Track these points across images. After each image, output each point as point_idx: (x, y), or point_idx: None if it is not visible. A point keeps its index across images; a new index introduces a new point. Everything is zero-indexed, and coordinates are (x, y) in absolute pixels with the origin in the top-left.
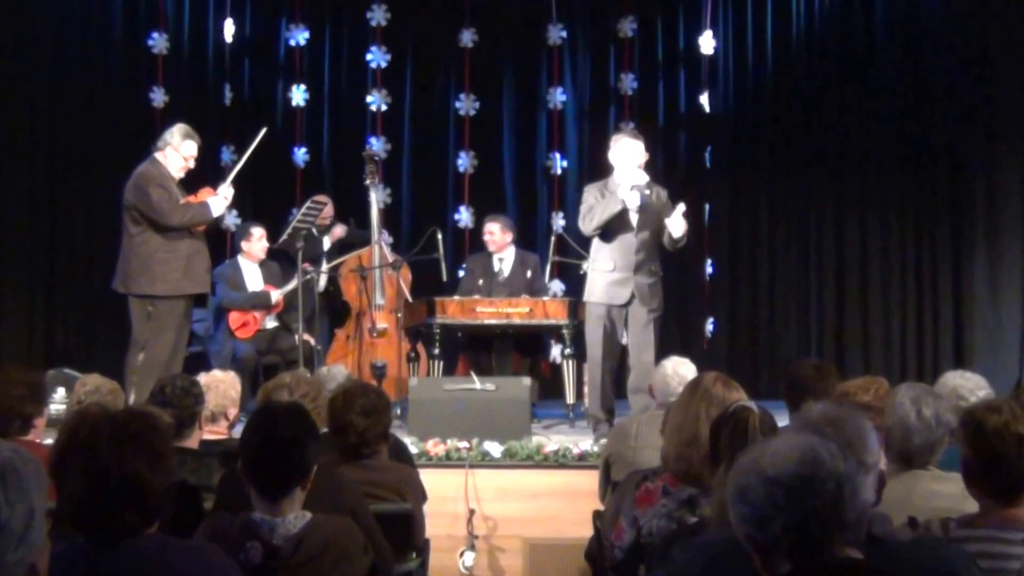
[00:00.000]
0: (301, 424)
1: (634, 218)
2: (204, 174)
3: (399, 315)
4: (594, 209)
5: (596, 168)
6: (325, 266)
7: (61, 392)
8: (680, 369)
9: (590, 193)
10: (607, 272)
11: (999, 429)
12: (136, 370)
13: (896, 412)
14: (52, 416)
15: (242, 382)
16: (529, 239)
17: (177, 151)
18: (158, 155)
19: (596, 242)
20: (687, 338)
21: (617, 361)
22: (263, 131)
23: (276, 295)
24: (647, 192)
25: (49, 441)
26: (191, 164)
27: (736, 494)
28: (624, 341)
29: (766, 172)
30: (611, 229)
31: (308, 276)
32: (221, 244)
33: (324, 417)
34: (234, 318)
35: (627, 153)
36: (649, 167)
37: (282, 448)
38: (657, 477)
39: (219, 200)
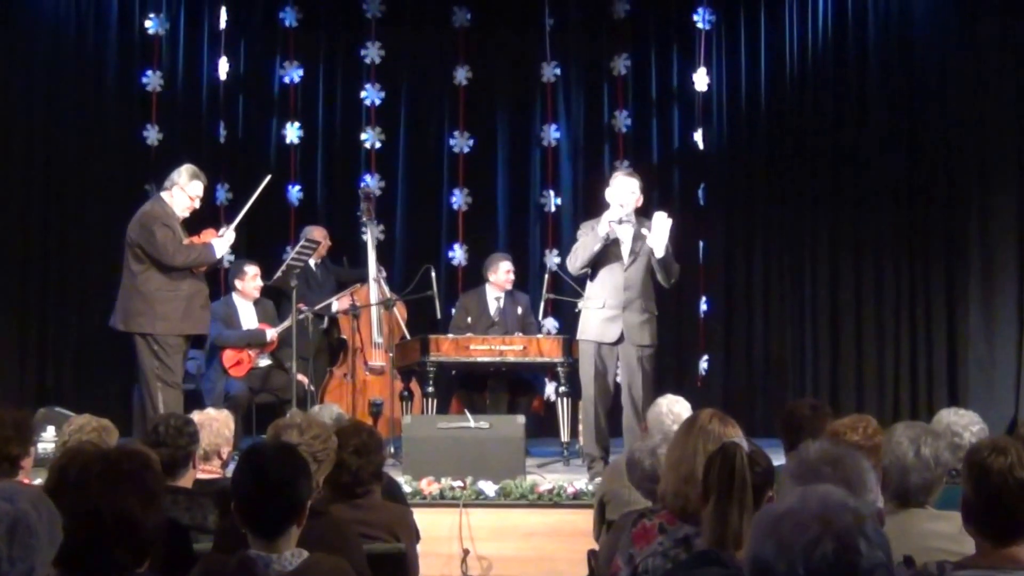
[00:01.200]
0: (292, 463)
1: (625, 254)
2: (200, 212)
3: (391, 354)
4: (579, 247)
5: (590, 205)
6: (335, 307)
7: (51, 431)
8: (675, 407)
9: (582, 230)
10: (598, 309)
11: (1004, 471)
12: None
13: (894, 451)
14: (40, 455)
15: (235, 420)
16: (523, 276)
17: (184, 191)
18: (164, 194)
19: (588, 279)
20: (681, 376)
21: (611, 399)
22: (267, 179)
23: (271, 333)
24: (616, 226)
25: (39, 481)
26: (197, 204)
27: (757, 570)
28: (618, 379)
29: (760, 209)
30: (600, 266)
31: (303, 315)
32: (215, 282)
33: (333, 460)
34: (228, 356)
35: (618, 190)
36: (643, 205)
37: (274, 489)
38: (654, 515)
39: (222, 242)
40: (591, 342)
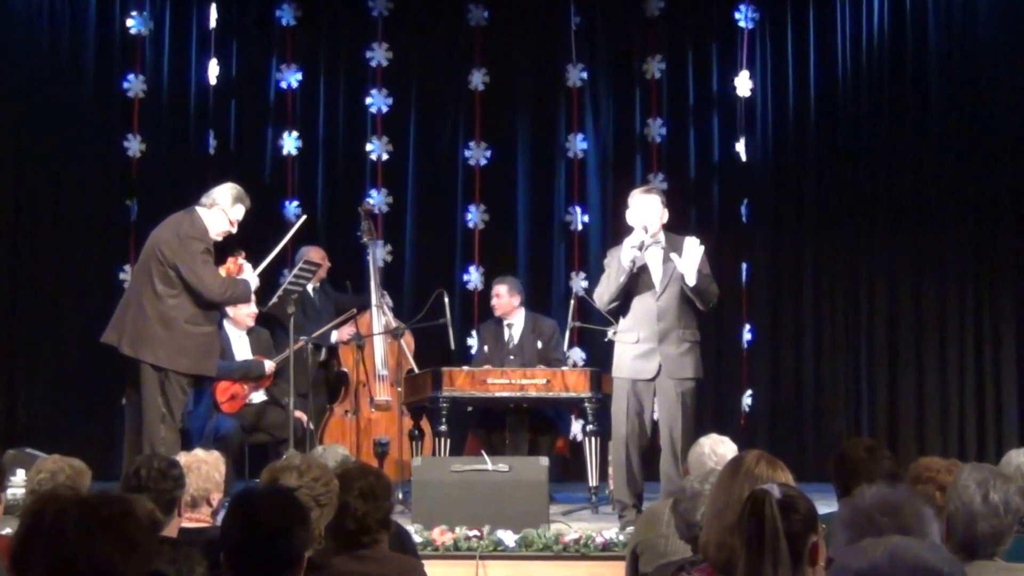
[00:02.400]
0: (288, 510)
1: (656, 279)
2: None
3: (399, 388)
4: (605, 280)
5: (620, 223)
6: (334, 336)
7: (20, 475)
8: (718, 448)
9: (608, 260)
10: (631, 344)
11: None
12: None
13: (959, 496)
14: (10, 502)
15: (226, 462)
16: (545, 302)
17: (226, 214)
18: (201, 211)
19: (622, 310)
20: (723, 413)
21: (647, 440)
22: (302, 219)
23: (270, 365)
24: (640, 252)
25: (8, 531)
26: (234, 230)
27: None
28: (655, 417)
29: (810, 227)
30: (631, 295)
31: (300, 345)
32: None
33: (336, 505)
34: (222, 389)
35: (639, 212)
36: (680, 222)
37: (267, 538)
38: (695, 568)
39: (255, 280)
40: (626, 380)
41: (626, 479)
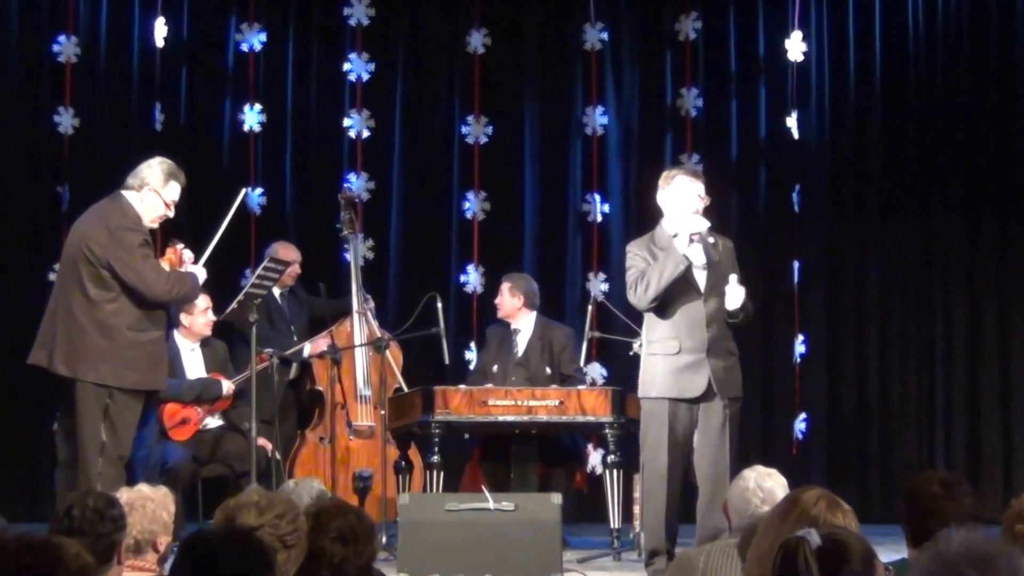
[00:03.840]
0: (247, 555)
1: (701, 280)
2: None
3: (384, 411)
4: (648, 274)
5: (648, 213)
6: (306, 350)
7: None
8: (765, 483)
9: (637, 253)
10: (671, 356)
11: None
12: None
13: None
14: None
15: (176, 500)
16: (558, 309)
17: (159, 195)
18: (129, 195)
19: (650, 317)
20: (771, 440)
21: (684, 471)
22: (242, 193)
23: (228, 385)
24: (710, 241)
25: None
26: (171, 213)
27: None
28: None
29: (875, 219)
30: (671, 298)
31: (266, 364)
32: None
33: (305, 547)
34: (170, 413)
35: (683, 196)
36: (718, 213)
37: None
38: None
39: (202, 274)
40: (664, 400)
41: (657, 520)
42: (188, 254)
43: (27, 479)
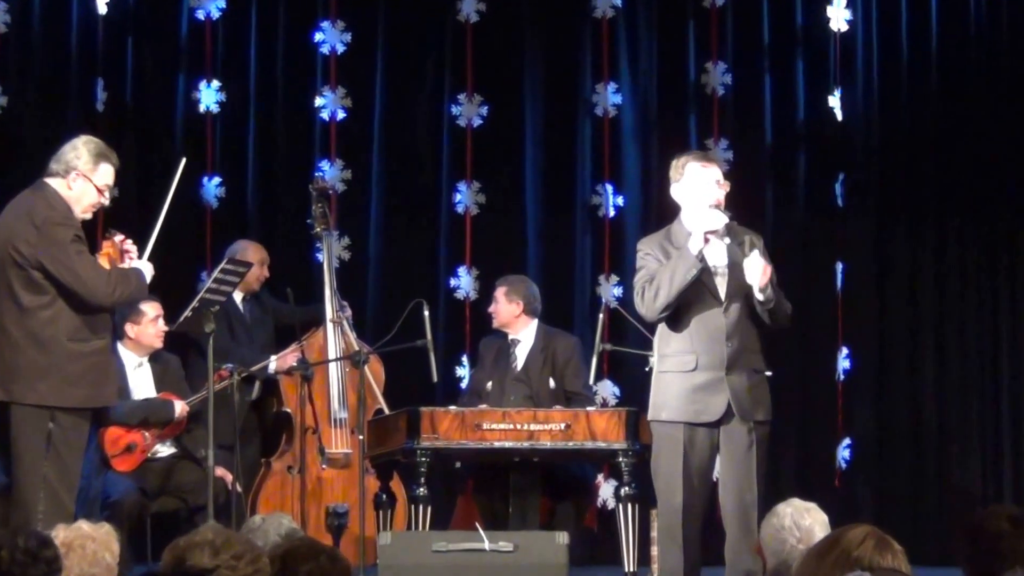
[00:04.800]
0: None
1: (721, 285)
2: None
3: (362, 436)
4: (657, 278)
5: (668, 207)
6: (272, 365)
7: None
8: (803, 520)
9: (648, 252)
10: (686, 373)
11: None
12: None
13: None
14: None
15: (121, 539)
16: (564, 316)
17: (89, 179)
18: (55, 183)
19: (663, 328)
20: (809, 470)
21: (706, 505)
22: (182, 164)
23: (181, 406)
24: (726, 240)
25: None
26: (106, 200)
27: None
28: (715, 475)
29: (931, 215)
30: (686, 306)
31: (226, 383)
32: None
33: None
34: (112, 438)
35: (698, 185)
36: (749, 206)
37: None
38: None
39: (148, 269)
40: (678, 424)
41: (676, 562)
42: (131, 246)
43: None
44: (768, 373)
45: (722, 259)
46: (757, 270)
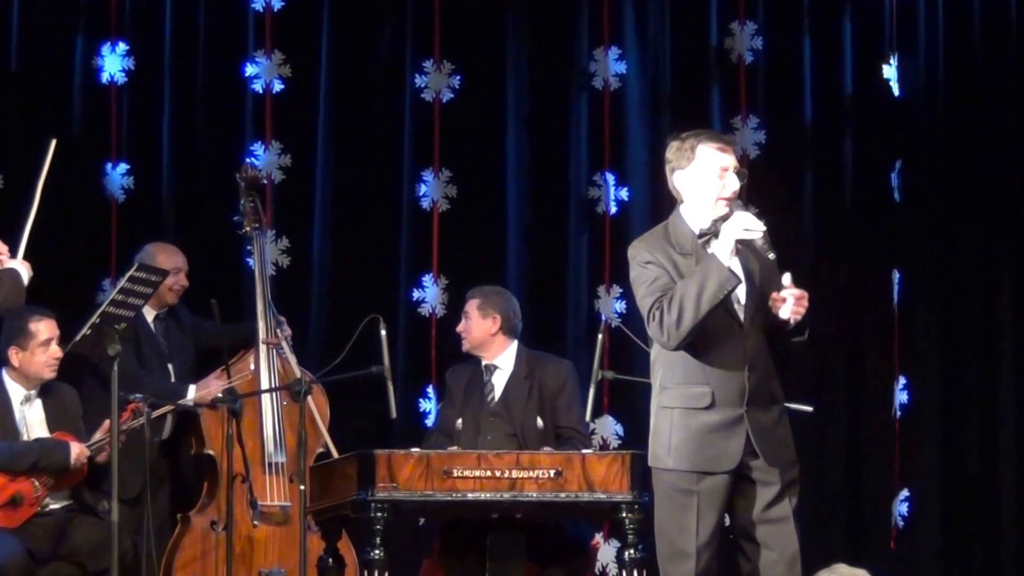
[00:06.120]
0: None
1: (739, 303)
2: None
3: (303, 487)
4: (678, 295)
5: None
6: (191, 393)
7: None
8: None
9: (649, 260)
10: (699, 410)
11: None
12: None
13: None
14: None
15: None
16: (554, 337)
17: None
18: None
19: (665, 355)
20: (860, 528)
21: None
22: (52, 144)
23: (78, 449)
24: (771, 255)
25: None
26: None
27: None
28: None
29: (1007, 211)
30: (702, 328)
31: (139, 420)
32: None
33: None
34: None
35: (712, 173)
36: (781, 202)
37: None
38: None
39: (25, 271)
40: (688, 474)
41: None
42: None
43: None
44: (808, 409)
45: (735, 266)
46: (790, 302)
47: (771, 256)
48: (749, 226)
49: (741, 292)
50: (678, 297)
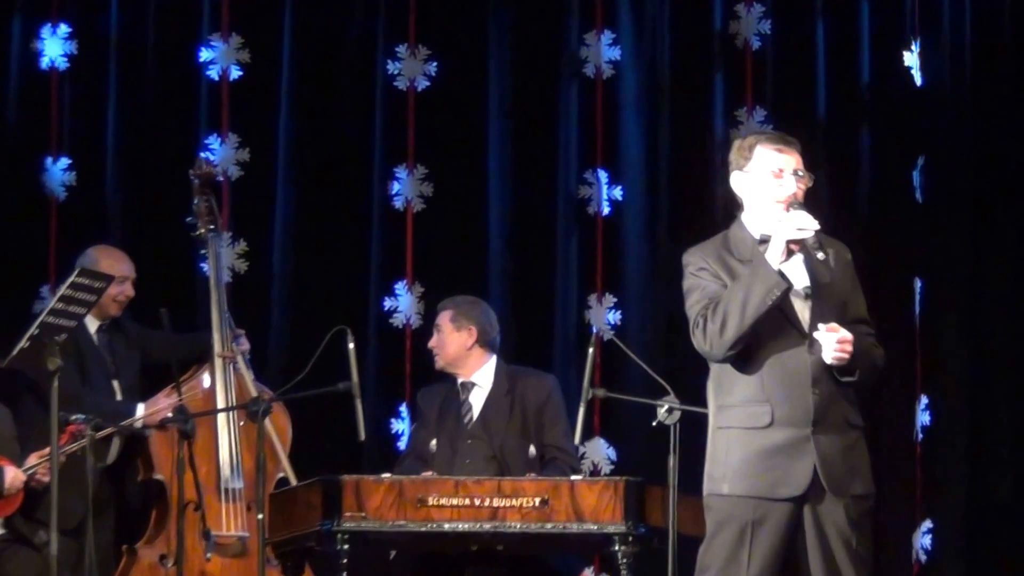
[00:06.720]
0: None
1: (803, 314)
2: None
3: (261, 515)
4: (724, 302)
5: (687, 202)
6: (139, 411)
7: None
8: None
9: (703, 267)
10: (758, 430)
11: None
12: None
13: None
14: None
15: None
16: (540, 350)
17: None
18: None
19: (724, 370)
20: (879, 560)
21: None
22: None
23: (12, 474)
24: (820, 254)
25: None
26: None
27: None
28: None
29: None
30: (757, 339)
31: (81, 442)
32: None
33: None
34: None
35: (769, 175)
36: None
37: None
38: None
39: None
40: (747, 500)
41: None
42: None
43: None
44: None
45: (803, 279)
46: (831, 343)
47: (820, 256)
48: (803, 225)
49: (803, 301)
50: (723, 304)
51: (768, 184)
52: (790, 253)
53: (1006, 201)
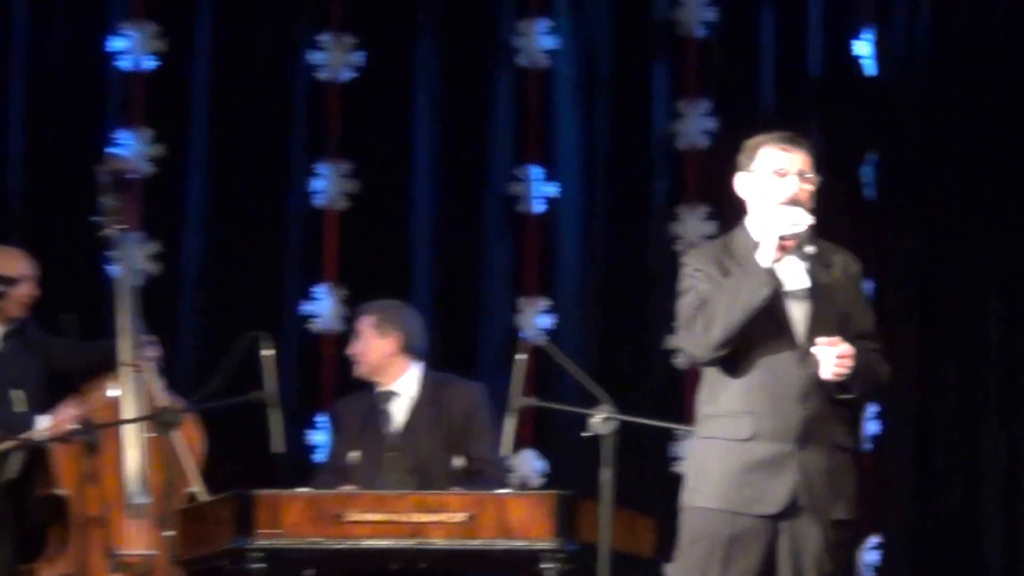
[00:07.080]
0: None
1: (799, 317)
2: None
3: (170, 533)
4: (712, 302)
5: (629, 200)
6: (42, 424)
7: None
8: None
9: (699, 268)
10: (738, 442)
11: None
12: None
13: None
14: None
15: None
16: (467, 358)
17: None
18: None
19: (711, 375)
20: None
21: None
22: None
23: None
24: (810, 255)
25: None
26: None
27: None
28: None
29: (997, 213)
30: (747, 344)
31: None
32: None
33: None
34: None
35: (773, 176)
36: (731, 194)
37: None
38: None
39: None
40: (720, 513)
41: None
42: None
43: None
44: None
45: (802, 280)
46: (829, 357)
47: (807, 250)
48: (796, 220)
49: (801, 303)
50: (711, 303)
51: (770, 184)
52: (784, 251)
53: (961, 200)
